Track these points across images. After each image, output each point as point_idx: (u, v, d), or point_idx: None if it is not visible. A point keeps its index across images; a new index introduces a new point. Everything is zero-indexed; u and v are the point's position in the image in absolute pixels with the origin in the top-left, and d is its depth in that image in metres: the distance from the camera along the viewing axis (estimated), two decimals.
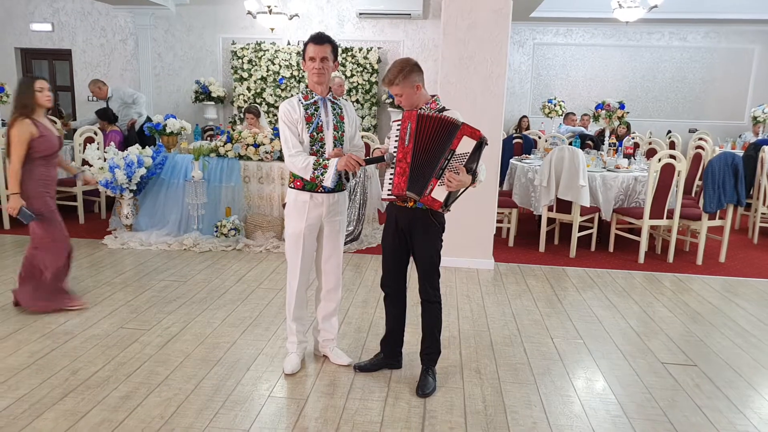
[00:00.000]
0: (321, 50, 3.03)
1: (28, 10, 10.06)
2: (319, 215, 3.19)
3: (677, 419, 2.97)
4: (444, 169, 2.88)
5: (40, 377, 3.19)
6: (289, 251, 3.26)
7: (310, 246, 3.25)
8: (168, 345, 3.65)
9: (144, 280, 4.88)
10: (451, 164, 2.88)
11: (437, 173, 2.88)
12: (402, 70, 2.98)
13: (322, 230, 3.26)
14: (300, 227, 3.17)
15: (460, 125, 2.87)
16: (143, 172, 6.01)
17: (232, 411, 2.91)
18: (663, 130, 10.76)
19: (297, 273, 3.24)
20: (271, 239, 6.04)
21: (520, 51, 11.23)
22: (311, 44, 3.05)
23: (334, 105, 3.20)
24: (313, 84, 3.12)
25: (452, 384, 3.26)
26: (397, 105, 9.02)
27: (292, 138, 3.09)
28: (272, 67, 9.54)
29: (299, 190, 3.16)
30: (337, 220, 3.28)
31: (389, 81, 3.02)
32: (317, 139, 3.11)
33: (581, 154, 5.85)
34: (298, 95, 3.18)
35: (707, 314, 4.51)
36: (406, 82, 2.99)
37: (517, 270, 5.54)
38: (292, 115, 3.09)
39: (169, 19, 9.86)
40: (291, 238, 3.23)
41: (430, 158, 2.89)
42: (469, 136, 2.87)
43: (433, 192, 2.89)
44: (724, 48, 10.87)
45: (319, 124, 3.12)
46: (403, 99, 3.03)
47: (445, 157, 2.87)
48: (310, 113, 3.11)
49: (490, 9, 5.16)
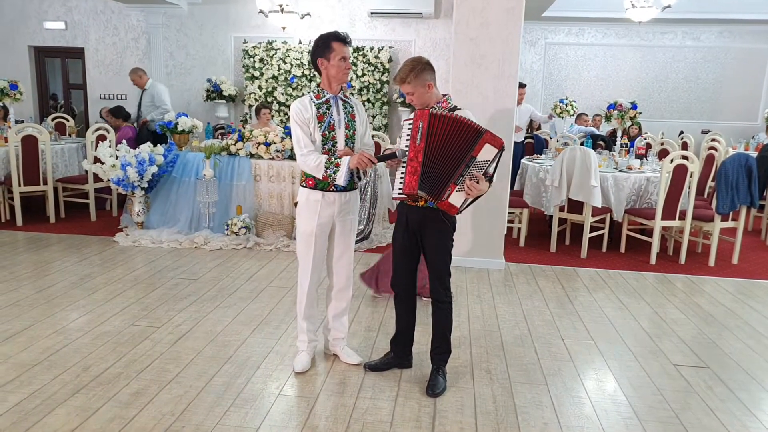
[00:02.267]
0: (348, 51, 3.10)
1: (41, 9, 10.13)
2: (331, 214, 3.19)
3: (689, 421, 2.95)
4: (463, 176, 2.87)
5: (52, 373, 3.21)
6: (300, 250, 3.26)
7: (322, 245, 3.25)
8: (179, 342, 3.66)
9: (155, 278, 4.90)
10: (471, 171, 2.87)
11: (456, 179, 2.87)
12: (414, 69, 2.97)
13: (334, 229, 3.26)
14: (312, 226, 3.17)
15: (484, 132, 2.84)
16: (155, 170, 6.04)
17: (243, 409, 2.92)
18: (675, 130, 10.68)
19: (308, 272, 3.24)
20: (281, 238, 6.05)
21: (531, 50, 11.18)
22: (342, 44, 3.06)
23: (345, 103, 3.19)
24: (339, 82, 3.13)
25: (462, 384, 3.25)
26: (408, 104, 9.03)
27: (304, 137, 3.09)
28: (283, 65, 9.55)
29: (311, 189, 3.16)
30: (348, 219, 3.28)
31: (401, 79, 3.01)
32: (329, 137, 3.11)
33: (593, 155, 5.82)
34: (309, 94, 3.17)
35: (720, 316, 4.47)
36: (418, 81, 2.98)
37: (528, 270, 5.51)
38: (304, 114, 3.09)
39: (182, 17, 9.90)
40: (303, 237, 3.23)
41: (445, 160, 2.87)
42: (491, 144, 2.85)
43: (451, 197, 2.89)
44: (738, 48, 10.76)
45: (331, 122, 3.11)
46: (415, 97, 3.02)
47: (465, 163, 2.86)
48: (321, 112, 3.11)
49: (503, 8, 5.14)
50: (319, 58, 3.09)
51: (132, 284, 4.73)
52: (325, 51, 3.06)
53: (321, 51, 3.08)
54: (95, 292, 4.49)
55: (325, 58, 3.07)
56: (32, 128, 6.64)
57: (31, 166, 6.56)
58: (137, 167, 5.93)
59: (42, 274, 4.88)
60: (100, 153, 6.04)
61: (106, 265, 5.22)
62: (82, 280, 4.76)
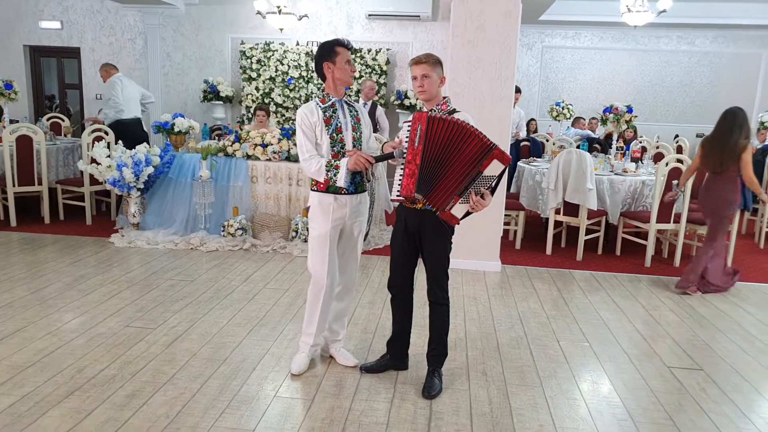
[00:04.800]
0: (350, 55, 3.18)
1: (37, 8, 10.10)
2: (343, 216, 3.19)
3: (683, 423, 2.96)
4: (468, 189, 2.85)
5: (46, 375, 3.20)
6: (314, 255, 3.22)
7: (335, 248, 3.24)
8: (174, 344, 3.65)
9: (150, 279, 4.89)
10: (477, 186, 2.85)
11: (461, 191, 2.85)
12: (432, 56, 3.04)
13: (343, 232, 3.26)
14: (326, 228, 3.16)
15: (494, 148, 2.80)
16: (151, 170, 6.03)
17: (238, 411, 2.91)
18: (670, 134, 10.71)
19: (325, 276, 3.20)
20: (278, 239, 6.04)
21: (528, 54, 11.21)
22: (345, 49, 3.13)
23: (350, 107, 3.22)
24: (345, 84, 3.17)
25: (458, 386, 3.26)
26: (405, 106, 9.04)
27: (307, 143, 3.11)
28: (281, 67, 9.55)
29: (323, 193, 3.16)
30: (359, 221, 3.28)
31: (417, 60, 3.01)
32: (337, 140, 3.12)
33: (589, 158, 5.83)
34: (315, 99, 3.19)
35: (714, 318, 4.49)
36: (436, 67, 3.02)
37: (524, 272, 5.52)
38: (310, 119, 3.10)
39: (179, 18, 9.89)
40: (317, 241, 3.20)
41: (445, 167, 2.84)
42: (499, 160, 2.81)
43: (454, 209, 2.88)
44: (732, 53, 10.82)
45: (338, 125, 3.13)
46: (426, 83, 3.00)
47: (471, 177, 2.83)
48: (328, 115, 3.13)
49: (500, 11, 5.15)
50: (326, 63, 3.12)
51: (127, 285, 4.71)
52: (330, 55, 3.11)
53: (327, 56, 3.11)
54: (90, 294, 4.47)
55: (331, 62, 3.11)
56: (27, 128, 6.63)
57: (25, 166, 6.54)
58: (133, 168, 5.92)
59: (36, 275, 4.86)
60: (96, 153, 6.03)
61: (101, 266, 5.20)
62: (77, 281, 4.75)
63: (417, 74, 3.02)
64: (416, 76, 3.03)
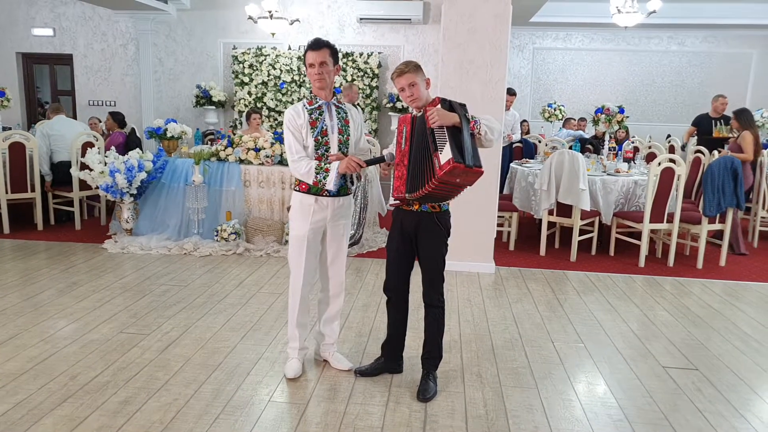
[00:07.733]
0: (319, 55, 3.06)
1: (29, 15, 10.08)
2: (324, 218, 3.19)
3: (679, 423, 2.96)
4: (434, 144, 2.76)
5: (39, 382, 3.18)
6: (292, 255, 3.25)
7: (314, 249, 3.24)
8: (168, 350, 3.64)
9: (144, 285, 4.87)
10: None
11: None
12: (411, 62, 3.01)
13: (326, 234, 3.26)
14: (304, 229, 3.17)
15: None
16: (144, 176, 6.01)
17: (232, 416, 2.90)
18: (662, 134, 10.75)
19: (300, 277, 3.23)
20: (271, 243, 6.03)
21: (519, 55, 11.24)
22: (309, 51, 3.08)
23: (339, 109, 3.21)
24: (317, 90, 3.15)
25: (453, 388, 3.25)
26: (397, 109, 9.04)
27: (295, 144, 3.11)
28: (273, 71, 9.54)
29: (304, 194, 3.17)
30: (341, 223, 3.27)
31: (400, 72, 2.97)
32: (322, 143, 3.13)
33: (581, 158, 5.85)
34: (303, 101, 3.20)
35: (708, 318, 4.50)
36: (419, 72, 2.99)
37: (518, 274, 5.53)
38: (297, 120, 3.11)
39: (170, 23, 9.87)
40: (295, 241, 3.22)
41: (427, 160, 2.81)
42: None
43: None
44: (723, 53, 10.88)
45: (324, 128, 3.13)
46: (414, 91, 2.97)
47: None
48: (314, 117, 3.13)
49: (490, 14, 5.17)
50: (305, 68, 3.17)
51: (120, 291, 4.69)
52: (305, 62, 3.14)
53: (304, 61, 3.15)
54: (83, 300, 4.45)
55: (306, 66, 3.14)
56: (20, 135, 6.60)
57: (18, 173, 6.51)
58: (126, 173, 5.90)
59: (29, 282, 4.83)
60: (89, 160, 6.01)
61: (94, 272, 5.18)
62: (70, 288, 4.72)
63: (404, 85, 2.97)
64: (403, 87, 2.98)
